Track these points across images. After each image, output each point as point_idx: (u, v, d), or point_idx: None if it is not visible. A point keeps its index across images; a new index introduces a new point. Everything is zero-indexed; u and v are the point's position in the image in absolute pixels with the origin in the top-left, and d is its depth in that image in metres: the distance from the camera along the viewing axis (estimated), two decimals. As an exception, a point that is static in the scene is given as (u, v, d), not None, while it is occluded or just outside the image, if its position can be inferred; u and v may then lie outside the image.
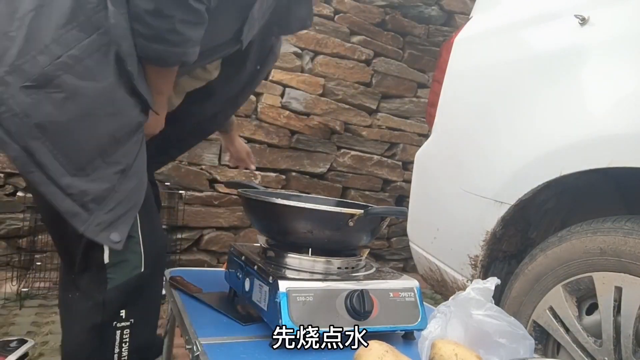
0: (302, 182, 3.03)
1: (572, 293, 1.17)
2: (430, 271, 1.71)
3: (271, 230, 1.09)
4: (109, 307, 0.91)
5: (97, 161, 0.86)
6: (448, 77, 1.68)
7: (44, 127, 0.80)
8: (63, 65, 0.80)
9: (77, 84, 0.81)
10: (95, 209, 0.86)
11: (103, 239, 0.87)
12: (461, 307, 0.83)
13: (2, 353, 0.78)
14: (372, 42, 3.16)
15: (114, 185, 0.88)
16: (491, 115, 1.46)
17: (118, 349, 0.92)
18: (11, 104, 0.78)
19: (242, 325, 1.01)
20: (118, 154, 0.88)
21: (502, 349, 0.79)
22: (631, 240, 1.04)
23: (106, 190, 0.87)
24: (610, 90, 1.15)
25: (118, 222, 0.88)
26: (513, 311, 1.28)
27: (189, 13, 0.83)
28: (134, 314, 0.93)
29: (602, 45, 1.20)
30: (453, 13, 3.39)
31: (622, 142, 1.08)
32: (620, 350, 1.04)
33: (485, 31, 1.60)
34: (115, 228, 0.88)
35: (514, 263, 1.47)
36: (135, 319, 0.94)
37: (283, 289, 0.87)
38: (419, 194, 1.81)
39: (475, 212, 1.43)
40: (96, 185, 0.86)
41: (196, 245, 2.80)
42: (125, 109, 0.88)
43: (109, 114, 0.85)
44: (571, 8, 1.27)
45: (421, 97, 3.36)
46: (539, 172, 1.24)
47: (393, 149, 3.34)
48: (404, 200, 3.35)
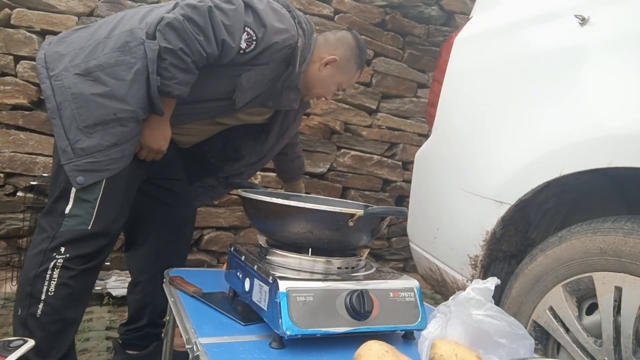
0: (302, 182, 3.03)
1: (572, 293, 1.17)
2: (430, 271, 1.71)
3: (271, 230, 1.09)
4: (54, 241, 1.24)
5: (99, 127, 1.24)
6: (448, 77, 1.68)
7: (75, 95, 1.25)
8: (100, 67, 1.27)
9: (104, 78, 1.26)
10: (80, 155, 1.23)
11: (72, 175, 1.23)
12: (461, 307, 0.83)
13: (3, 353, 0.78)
14: (372, 42, 3.16)
15: (103, 149, 1.25)
16: (491, 115, 1.46)
17: (50, 271, 1.23)
18: (64, 81, 1.26)
19: (242, 325, 1.01)
20: (116, 131, 1.26)
21: (502, 349, 0.79)
22: (631, 240, 1.04)
23: (95, 148, 1.24)
24: (610, 90, 1.15)
25: (88, 172, 1.24)
26: (513, 311, 1.28)
27: (177, 60, 1.26)
28: (71, 251, 1.25)
29: (602, 45, 1.20)
30: (453, 13, 3.39)
31: (622, 142, 1.08)
32: (620, 350, 1.04)
33: (485, 31, 1.60)
34: (84, 174, 1.23)
35: (514, 263, 1.47)
36: (70, 255, 1.25)
37: (283, 289, 0.87)
38: (419, 194, 1.81)
39: (475, 212, 1.43)
40: (90, 142, 1.24)
41: (196, 245, 2.80)
42: (130, 100, 1.26)
43: (117, 99, 1.25)
44: (571, 8, 1.27)
45: (421, 97, 3.36)
46: (539, 172, 1.24)
47: (393, 149, 3.34)
48: (404, 200, 3.34)
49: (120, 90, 1.25)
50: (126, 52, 1.28)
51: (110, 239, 1.33)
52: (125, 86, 1.26)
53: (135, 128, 1.29)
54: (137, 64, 1.27)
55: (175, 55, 1.25)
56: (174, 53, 1.25)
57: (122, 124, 1.26)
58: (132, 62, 1.27)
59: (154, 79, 1.26)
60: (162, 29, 1.26)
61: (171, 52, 1.25)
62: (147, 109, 1.30)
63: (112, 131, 1.25)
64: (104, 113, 1.24)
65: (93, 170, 1.24)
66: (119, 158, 1.27)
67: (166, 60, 1.25)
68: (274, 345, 0.89)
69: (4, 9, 2.27)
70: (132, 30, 1.30)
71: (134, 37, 1.29)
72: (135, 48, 1.28)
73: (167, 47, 1.25)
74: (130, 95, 1.26)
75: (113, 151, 1.25)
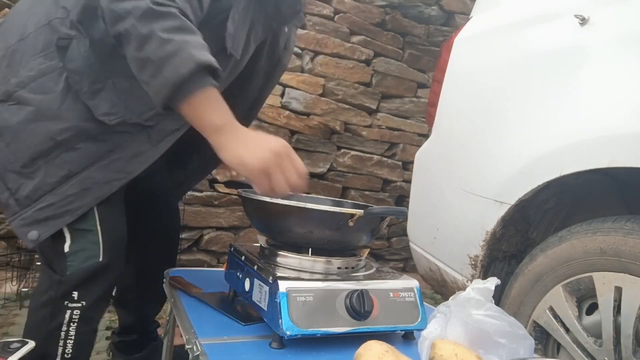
0: (302, 182, 3.03)
1: (572, 293, 1.17)
2: (430, 271, 1.71)
3: (271, 230, 1.09)
4: (63, 285, 0.99)
5: (40, 161, 0.96)
6: (448, 77, 1.68)
7: (1, 130, 0.97)
8: (21, 84, 0.96)
9: (28, 96, 0.96)
10: (26, 205, 0.96)
11: (21, 234, 0.96)
12: (461, 307, 0.83)
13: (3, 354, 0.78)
14: (372, 42, 3.16)
15: (52, 187, 0.96)
16: (491, 115, 1.46)
17: (66, 327, 0.98)
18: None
19: (242, 325, 1.01)
20: (62, 159, 0.96)
21: (502, 349, 0.79)
22: (631, 240, 1.04)
23: (40, 189, 0.96)
24: (610, 90, 1.15)
25: (42, 223, 0.95)
26: (513, 311, 1.28)
27: (163, 19, 0.84)
28: (86, 297, 1.00)
29: (602, 45, 1.20)
30: (453, 13, 3.39)
31: (622, 142, 1.08)
32: (620, 350, 1.04)
33: (485, 31, 1.60)
34: (37, 227, 0.96)
35: (514, 263, 1.47)
36: (87, 303, 1.00)
37: (283, 289, 0.87)
38: (419, 194, 1.81)
39: (475, 212, 1.43)
40: (33, 184, 0.96)
41: (196, 245, 2.80)
42: (66, 114, 0.96)
43: (49, 118, 0.96)
44: (571, 8, 1.27)
45: (421, 97, 3.36)
46: (539, 172, 1.24)
47: (393, 149, 3.34)
48: (404, 200, 3.34)
49: (50, 106, 0.95)
50: (51, 55, 0.97)
51: (124, 264, 1.12)
52: (57, 99, 0.96)
53: (93, 147, 0.98)
54: (66, 68, 0.96)
55: (156, 15, 0.85)
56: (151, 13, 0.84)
57: (67, 148, 0.96)
58: (60, 67, 0.96)
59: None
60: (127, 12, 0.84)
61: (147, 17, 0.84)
62: (94, 120, 0.97)
63: (57, 161, 0.96)
64: (39, 141, 0.95)
65: (47, 219, 0.96)
66: (80, 193, 0.97)
67: (153, 34, 0.84)
68: (273, 345, 0.89)
69: (4, 8, 2.28)
70: (50, 24, 0.99)
71: (54, 32, 0.98)
72: (61, 47, 0.97)
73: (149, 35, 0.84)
74: (66, 108, 0.96)
75: (67, 186, 0.96)
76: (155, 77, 0.83)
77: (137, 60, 0.85)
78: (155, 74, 0.83)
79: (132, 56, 0.86)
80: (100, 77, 0.97)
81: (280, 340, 0.89)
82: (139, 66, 0.85)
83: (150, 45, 0.82)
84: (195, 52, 0.83)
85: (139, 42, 0.83)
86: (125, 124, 1.00)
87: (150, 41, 0.82)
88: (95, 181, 0.99)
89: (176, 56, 0.81)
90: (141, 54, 0.83)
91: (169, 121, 1.06)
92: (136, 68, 0.86)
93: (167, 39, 0.82)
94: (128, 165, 1.03)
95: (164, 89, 0.83)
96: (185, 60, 0.82)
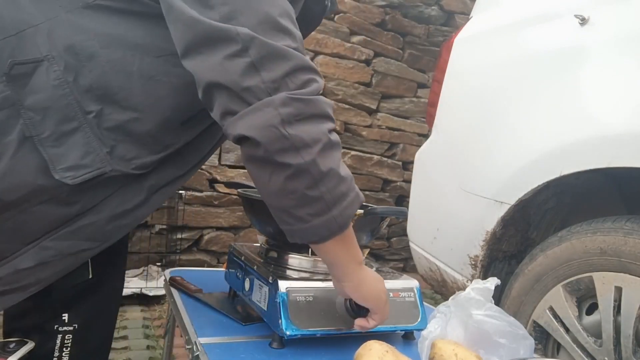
0: (302, 182, 3.03)
1: (572, 293, 1.17)
2: (430, 271, 1.71)
3: (271, 230, 1.09)
4: (51, 308, 0.83)
5: None
6: (448, 77, 1.68)
7: None
8: None
9: None
10: None
11: None
12: (461, 307, 0.83)
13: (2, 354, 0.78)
14: (372, 42, 3.16)
15: (0, 258, 0.73)
16: (491, 115, 1.46)
17: (58, 353, 0.84)
18: None
19: (242, 325, 1.01)
20: (12, 223, 0.72)
21: (502, 349, 0.79)
22: (631, 240, 1.04)
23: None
24: (610, 90, 1.15)
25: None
26: (513, 311, 1.28)
27: (338, 149, 0.70)
28: (78, 319, 0.85)
29: (602, 45, 1.20)
30: (453, 13, 3.39)
31: (622, 142, 1.08)
32: (620, 350, 1.04)
33: (485, 31, 1.60)
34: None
35: (514, 263, 1.47)
36: (79, 325, 0.85)
37: (283, 289, 0.87)
38: (419, 194, 1.81)
39: (475, 212, 1.43)
40: None
41: (196, 245, 2.80)
42: (19, 169, 0.70)
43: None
44: (571, 8, 1.27)
45: (421, 97, 3.36)
46: (539, 172, 1.24)
47: (393, 149, 3.34)
48: (404, 200, 3.34)
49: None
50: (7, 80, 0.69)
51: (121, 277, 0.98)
52: (9, 146, 0.69)
53: (55, 210, 0.73)
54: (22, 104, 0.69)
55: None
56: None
57: (19, 210, 0.72)
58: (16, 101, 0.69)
59: None
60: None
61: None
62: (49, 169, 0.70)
63: (5, 226, 0.72)
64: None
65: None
66: (35, 268, 0.75)
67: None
68: (274, 345, 0.89)
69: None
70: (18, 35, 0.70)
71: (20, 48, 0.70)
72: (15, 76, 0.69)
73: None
74: (20, 159, 0.70)
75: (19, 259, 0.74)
76: (318, 216, 0.69)
77: (302, 197, 0.68)
78: (320, 212, 0.69)
79: (291, 190, 0.68)
80: (77, 111, 0.71)
81: (280, 340, 0.89)
82: (299, 203, 0.69)
83: (327, 184, 0.68)
84: (356, 186, 0.74)
85: (315, 179, 0.67)
86: (103, 178, 0.73)
87: (328, 179, 0.68)
88: (55, 253, 0.75)
89: (348, 196, 0.71)
90: (313, 192, 0.68)
91: (170, 166, 0.83)
92: (293, 204, 0.69)
93: (344, 176, 0.71)
94: (104, 230, 0.78)
95: (325, 230, 0.71)
96: (353, 200, 0.72)
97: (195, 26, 0.65)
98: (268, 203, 0.72)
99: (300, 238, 0.72)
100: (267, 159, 0.66)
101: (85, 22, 0.72)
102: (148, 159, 0.77)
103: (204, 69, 0.66)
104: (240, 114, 0.65)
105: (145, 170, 0.78)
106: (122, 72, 0.72)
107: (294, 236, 0.72)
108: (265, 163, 0.67)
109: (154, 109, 0.75)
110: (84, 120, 0.71)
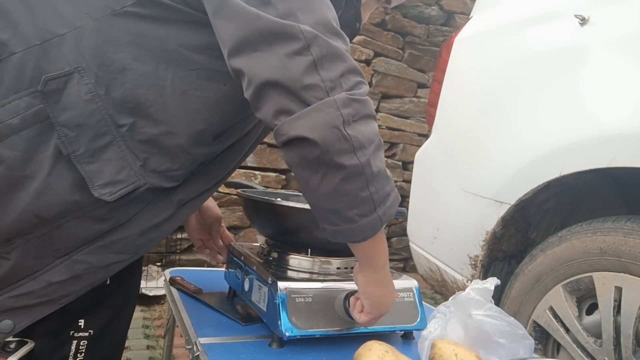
0: (302, 182, 3.03)
1: (572, 293, 1.17)
2: (430, 271, 1.71)
3: (271, 230, 1.09)
4: (67, 314, 0.81)
5: (18, 241, 0.72)
6: (448, 77, 1.68)
7: None
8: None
9: (5, 154, 0.68)
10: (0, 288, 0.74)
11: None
12: (461, 307, 0.83)
13: (2, 354, 0.78)
14: (372, 42, 3.16)
15: (32, 272, 0.73)
16: (491, 115, 1.46)
17: (72, 359, 0.83)
18: None
19: (242, 325, 1.01)
20: (46, 238, 0.73)
21: (502, 349, 0.79)
22: (631, 240, 1.04)
23: (19, 274, 0.73)
24: (610, 90, 1.15)
25: (19, 312, 0.75)
26: (513, 311, 1.28)
27: (382, 148, 0.71)
28: (94, 325, 0.84)
29: (602, 45, 1.20)
30: (453, 13, 3.39)
31: (622, 142, 1.08)
32: (620, 350, 1.04)
33: (485, 31, 1.60)
34: (12, 316, 0.74)
35: (514, 263, 1.47)
36: (94, 331, 0.84)
37: (282, 289, 0.87)
38: (419, 194, 1.81)
39: (475, 212, 1.43)
40: (9, 265, 0.72)
41: (196, 246, 2.80)
42: (55, 187, 0.70)
43: (34, 188, 0.69)
44: (571, 8, 1.28)
45: (421, 97, 3.36)
46: (539, 172, 1.24)
47: (393, 149, 3.34)
48: (404, 200, 3.35)
49: (32, 173, 0.69)
50: (38, 93, 0.68)
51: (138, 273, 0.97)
52: (44, 163, 0.69)
53: (88, 226, 0.74)
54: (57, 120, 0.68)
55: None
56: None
57: (54, 226, 0.72)
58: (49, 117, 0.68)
59: None
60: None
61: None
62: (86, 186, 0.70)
63: (38, 241, 0.72)
64: (18, 216, 0.70)
65: (28, 306, 0.75)
66: (67, 282, 0.76)
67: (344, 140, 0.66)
68: (273, 346, 0.89)
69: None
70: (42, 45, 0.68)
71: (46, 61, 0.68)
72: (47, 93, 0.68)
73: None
74: (55, 176, 0.70)
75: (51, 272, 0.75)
76: (365, 216, 0.69)
77: (354, 198, 0.67)
78: (367, 213, 0.69)
79: (344, 191, 0.67)
80: (110, 125, 0.70)
81: (280, 340, 0.89)
82: (350, 205, 0.68)
83: (376, 184, 0.68)
84: (394, 184, 0.75)
85: (368, 181, 0.67)
86: (137, 193, 0.74)
87: (377, 180, 0.69)
88: (87, 267, 0.76)
89: (391, 196, 0.72)
90: (365, 192, 0.67)
91: (198, 180, 0.83)
92: (344, 205, 0.68)
93: (389, 177, 0.72)
94: (135, 244, 0.79)
95: (370, 229, 0.70)
96: (395, 199, 0.73)
97: (255, 21, 0.63)
98: (315, 205, 0.71)
99: (344, 238, 0.72)
100: (323, 160, 0.64)
101: (114, 32, 0.70)
102: (179, 172, 0.77)
103: (260, 67, 0.64)
104: (299, 113, 0.63)
105: (176, 183, 0.78)
106: (154, 86, 0.71)
107: (338, 237, 0.71)
108: (319, 165, 0.65)
109: (186, 122, 0.74)
110: (117, 134, 0.71)
